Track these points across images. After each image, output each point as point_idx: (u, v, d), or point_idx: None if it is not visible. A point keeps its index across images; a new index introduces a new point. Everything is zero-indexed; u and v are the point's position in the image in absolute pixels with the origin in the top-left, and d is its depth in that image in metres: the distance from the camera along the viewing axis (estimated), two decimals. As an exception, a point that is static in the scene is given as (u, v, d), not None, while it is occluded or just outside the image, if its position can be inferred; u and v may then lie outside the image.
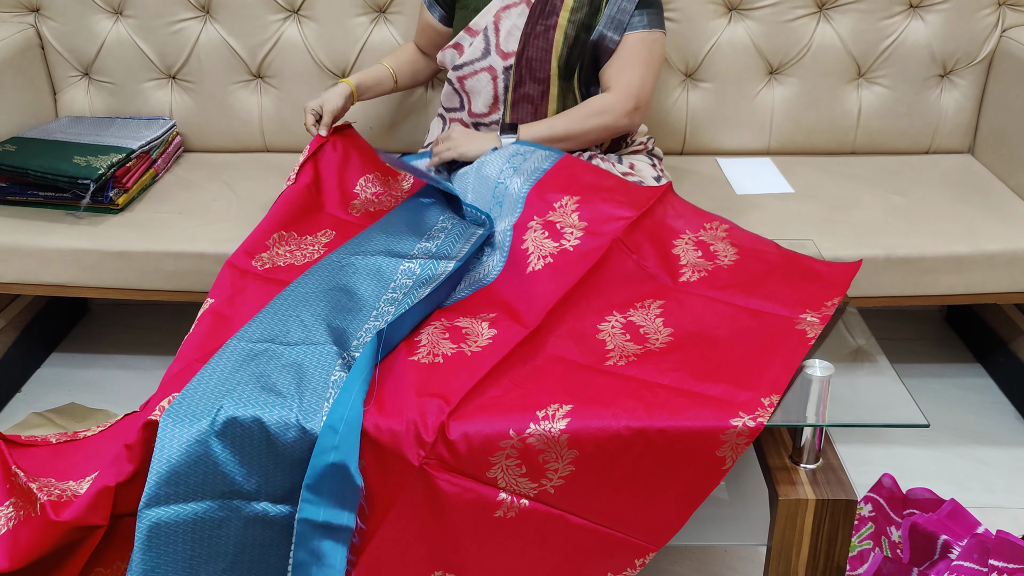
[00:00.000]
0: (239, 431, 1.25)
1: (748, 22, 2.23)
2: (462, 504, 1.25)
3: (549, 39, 1.83)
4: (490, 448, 1.23)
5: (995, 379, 2.27)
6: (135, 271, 1.94)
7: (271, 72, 2.29)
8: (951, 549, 1.66)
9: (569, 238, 1.52)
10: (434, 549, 1.29)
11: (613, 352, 1.37)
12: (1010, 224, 1.98)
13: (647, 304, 1.45)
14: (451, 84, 1.93)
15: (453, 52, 1.91)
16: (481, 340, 1.38)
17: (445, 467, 1.25)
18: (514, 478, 1.25)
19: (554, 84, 1.86)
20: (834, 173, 2.21)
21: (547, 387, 1.30)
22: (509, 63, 1.86)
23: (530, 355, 1.36)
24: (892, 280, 1.92)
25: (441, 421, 1.24)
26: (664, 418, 1.23)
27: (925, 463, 1.99)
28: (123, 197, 2.03)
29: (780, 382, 1.29)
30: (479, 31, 1.87)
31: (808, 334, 1.39)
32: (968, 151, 2.34)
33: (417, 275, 1.53)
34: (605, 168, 1.87)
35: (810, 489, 1.31)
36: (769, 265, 1.56)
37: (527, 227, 1.55)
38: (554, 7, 1.84)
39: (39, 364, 2.35)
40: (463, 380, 1.30)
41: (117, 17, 2.26)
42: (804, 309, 1.45)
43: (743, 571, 1.71)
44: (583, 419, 1.23)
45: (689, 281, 1.50)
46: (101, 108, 2.33)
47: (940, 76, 2.28)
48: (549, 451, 1.23)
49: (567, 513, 1.26)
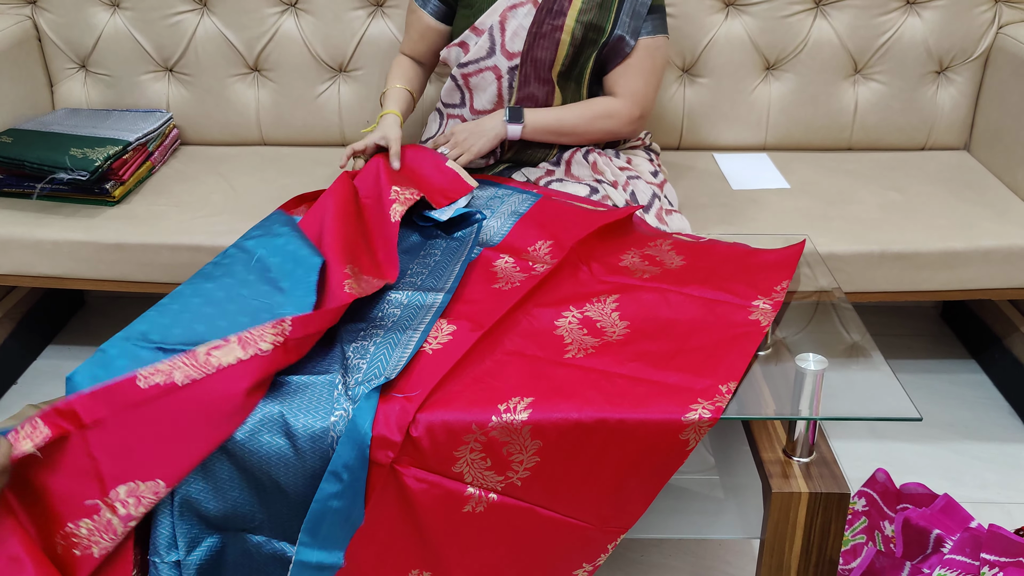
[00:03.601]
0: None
1: (745, 18, 2.23)
2: (431, 500, 1.26)
3: (555, 40, 1.83)
4: (454, 442, 1.24)
5: (989, 375, 2.27)
6: (131, 263, 1.94)
7: (268, 65, 2.29)
8: (944, 543, 1.67)
9: (538, 269, 1.55)
10: (410, 547, 1.29)
11: (571, 345, 1.38)
12: (1005, 220, 1.98)
13: (602, 299, 1.47)
14: (455, 80, 1.91)
15: (458, 50, 1.90)
16: (441, 336, 1.39)
17: (412, 463, 1.25)
18: (480, 471, 1.26)
19: (559, 85, 1.86)
20: (830, 169, 2.22)
21: (508, 380, 1.31)
22: (514, 63, 1.85)
23: (488, 351, 1.37)
24: (887, 276, 1.92)
25: (403, 422, 1.24)
26: (625, 407, 1.25)
27: (919, 458, 2.00)
28: (120, 189, 2.03)
29: (737, 369, 1.32)
30: (484, 30, 1.86)
31: (762, 323, 1.42)
32: (964, 148, 2.34)
33: (405, 305, 1.50)
34: (603, 163, 1.87)
35: (803, 483, 1.32)
36: (716, 260, 1.61)
37: (500, 256, 1.58)
38: (562, 8, 1.82)
39: (35, 356, 2.35)
40: (425, 378, 1.31)
41: (114, 9, 2.26)
42: (756, 296, 1.48)
43: (736, 564, 1.72)
44: (544, 410, 1.25)
45: (642, 278, 1.54)
46: (98, 100, 2.32)
47: (936, 72, 2.28)
48: (513, 443, 1.24)
49: (535, 506, 1.27)
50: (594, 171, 1.87)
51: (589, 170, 1.88)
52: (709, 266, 1.59)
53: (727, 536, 1.48)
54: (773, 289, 1.51)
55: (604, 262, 1.60)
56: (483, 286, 1.53)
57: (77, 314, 2.53)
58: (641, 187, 1.85)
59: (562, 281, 1.53)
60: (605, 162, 1.88)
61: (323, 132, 2.33)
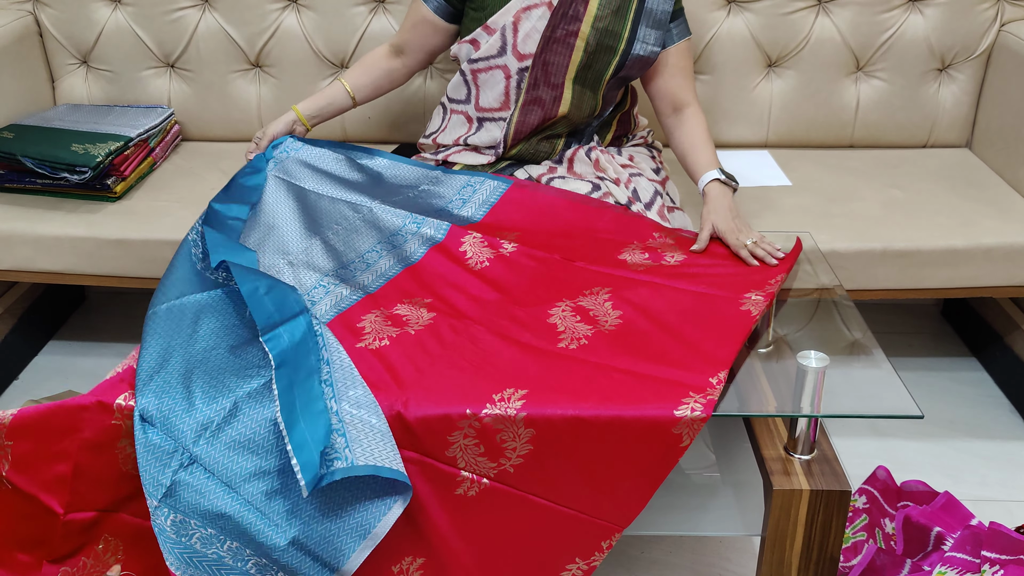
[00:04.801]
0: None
1: (747, 15, 2.23)
2: (424, 480, 1.28)
3: (570, 45, 1.82)
4: (447, 428, 1.26)
5: (990, 373, 2.27)
6: (132, 259, 1.94)
7: (270, 61, 2.28)
8: (944, 541, 1.67)
9: (506, 248, 1.58)
10: (403, 533, 1.30)
11: (564, 334, 1.40)
12: (1007, 218, 1.98)
13: (596, 291, 1.50)
14: (463, 75, 1.91)
15: (469, 47, 1.89)
16: (423, 320, 1.42)
17: (404, 445, 1.27)
18: (473, 457, 1.27)
19: (568, 89, 1.85)
20: (832, 166, 2.21)
21: (501, 368, 1.33)
22: (524, 65, 1.84)
23: (479, 335, 1.39)
24: (888, 273, 1.92)
25: (394, 403, 1.27)
26: (618, 402, 1.26)
27: (920, 455, 2.00)
28: (121, 185, 2.03)
29: (726, 359, 1.33)
30: (496, 29, 1.85)
31: (752, 313, 1.43)
32: (966, 145, 2.34)
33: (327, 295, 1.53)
34: (605, 160, 1.87)
35: (804, 480, 1.32)
36: (714, 258, 1.63)
37: (467, 232, 1.60)
38: (577, 13, 1.81)
39: (36, 352, 2.35)
40: (413, 361, 1.33)
41: (116, 5, 2.26)
42: (749, 289, 1.50)
43: (737, 561, 1.72)
44: (537, 404, 1.26)
45: (636, 271, 1.55)
46: (99, 96, 2.32)
47: (938, 70, 2.28)
48: (506, 430, 1.26)
49: (528, 494, 1.29)
50: (596, 168, 1.87)
51: (592, 167, 1.87)
52: (706, 262, 1.61)
53: (728, 533, 1.49)
54: (767, 282, 1.53)
55: (603, 256, 1.60)
56: (457, 266, 1.55)
57: (78, 310, 2.53)
58: (643, 184, 1.84)
59: (555, 276, 1.55)
60: (607, 159, 1.88)
61: (324, 128, 2.32)
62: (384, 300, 1.48)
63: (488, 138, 1.90)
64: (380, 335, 1.39)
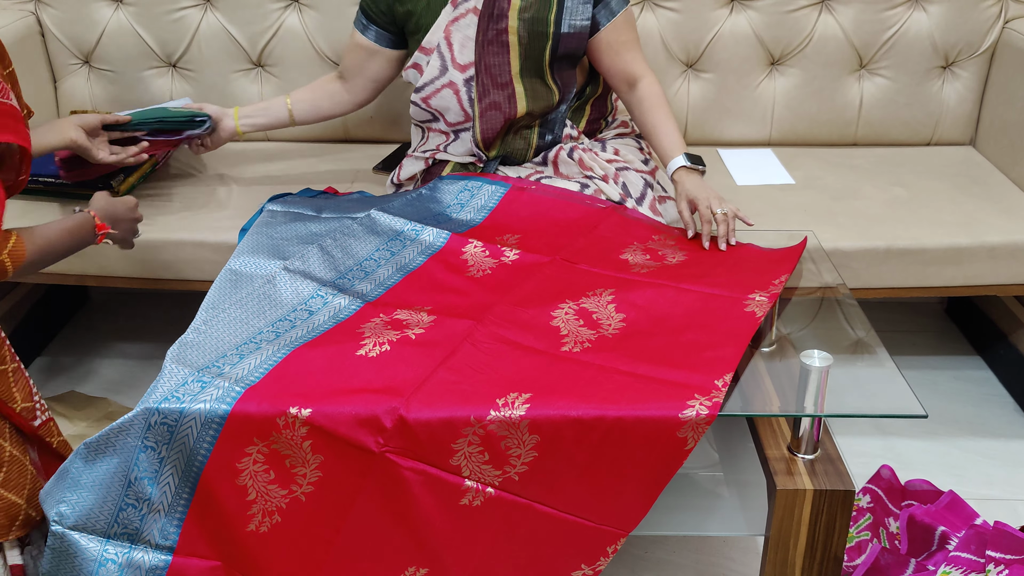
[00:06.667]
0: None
1: (750, 12, 2.23)
2: (428, 492, 1.26)
3: (504, 43, 1.82)
4: (452, 435, 1.25)
5: (995, 371, 2.27)
6: (135, 260, 1.94)
7: (272, 61, 2.28)
8: (949, 540, 1.66)
9: (508, 255, 1.58)
10: (406, 543, 1.29)
11: (568, 337, 1.39)
12: (1011, 216, 1.98)
13: (598, 292, 1.49)
14: (418, 106, 1.91)
15: (414, 72, 1.90)
16: (424, 324, 1.41)
17: (407, 455, 1.25)
18: (477, 465, 1.26)
19: (518, 85, 1.84)
20: (835, 164, 2.21)
21: (504, 372, 1.31)
22: (468, 75, 1.85)
23: (482, 339, 1.38)
24: (892, 272, 1.92)
25: (397, 408, 1.25)
26: (622, 404, 1.25)
27: (924, 455, 1.99)
28: (123, 185, 2.03)
29: (731, 361, 1.32)
30: (432, 48, 1.85)
31: (757, 314, 1.42)
32: (970, 143, 2.34)
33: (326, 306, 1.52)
34: (589, 159, 1.86)
35: (808, 479, 1.31)
36: (717, 258, 1.62)
37: (468, 241, 1.61)
38: (502, 11, 1.81)
39: (39, 352, 2.35)
40: (415, 367, 1.31)
41: (117, 5, 2.26)
42: (753, 290, 1.49)
43: (741, 561, 1.72)
44: (542, 407, 1.25)
45: (639, 273, 1.54)
46: (101, 96, 2.32)
47: (942, 68, 2.27)
48: (511, 436, 1.24)
49: (533, 502, 1.27)
50: (582, 168, 1.86)
51: (577, 168, 1.87)
52: (709, 262, 1.60)
53: (731, 533, 1.48)
54: (771, 283, 1.51)
55: (605, 257, 1.60)
56: (457, 275, 1.55)
57: (80, 310, 2.53)
58: (632, 178, 1.84)
59: (558, 278, 1.54)
60: (591, 157, 1.87)
61: (326, 127, 2.32)
62: (384, 306, 1.47)
63: (463, 149, 1.92)
64: (380, 340, 1.37)
